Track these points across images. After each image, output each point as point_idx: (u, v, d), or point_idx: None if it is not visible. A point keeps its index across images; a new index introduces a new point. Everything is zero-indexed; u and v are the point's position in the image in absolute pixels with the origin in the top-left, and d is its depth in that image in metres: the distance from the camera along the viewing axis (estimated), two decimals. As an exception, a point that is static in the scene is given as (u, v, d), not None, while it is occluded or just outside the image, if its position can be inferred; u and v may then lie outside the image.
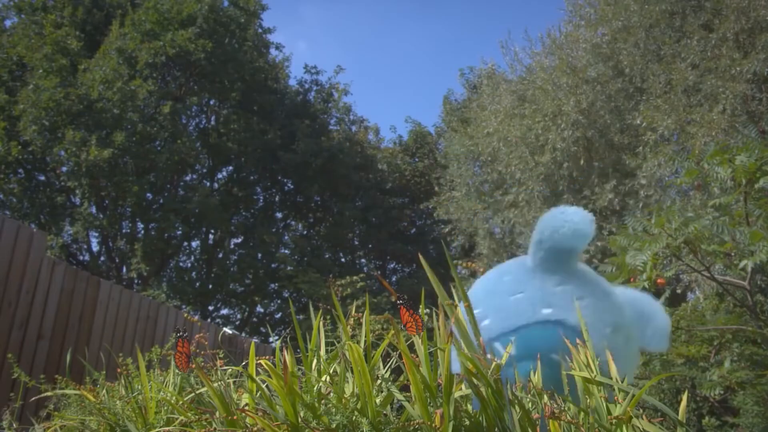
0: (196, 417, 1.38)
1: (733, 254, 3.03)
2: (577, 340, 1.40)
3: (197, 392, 1.63)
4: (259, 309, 15.11)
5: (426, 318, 1.41)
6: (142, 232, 12.58)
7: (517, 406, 1.20)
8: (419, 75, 37.05)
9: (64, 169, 11.12)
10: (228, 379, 1.71)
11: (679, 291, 6.60)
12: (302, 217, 16.34)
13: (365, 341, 1.46)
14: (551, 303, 1.73)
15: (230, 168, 14.91)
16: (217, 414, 1.35)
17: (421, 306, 1.42)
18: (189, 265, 13.96)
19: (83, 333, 4.01)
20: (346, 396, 1.30)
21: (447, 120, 14.93)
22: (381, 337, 1.46)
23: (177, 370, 1.84)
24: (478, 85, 12.60)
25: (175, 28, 12.05)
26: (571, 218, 1.86)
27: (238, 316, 15.04)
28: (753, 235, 2.75)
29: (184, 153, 11.76)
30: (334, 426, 1.24)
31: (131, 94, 10.96)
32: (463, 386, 1.29)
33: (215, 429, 1.28)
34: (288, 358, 1.51)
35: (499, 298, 1.83)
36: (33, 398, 2.45)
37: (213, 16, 12.46)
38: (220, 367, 1.69)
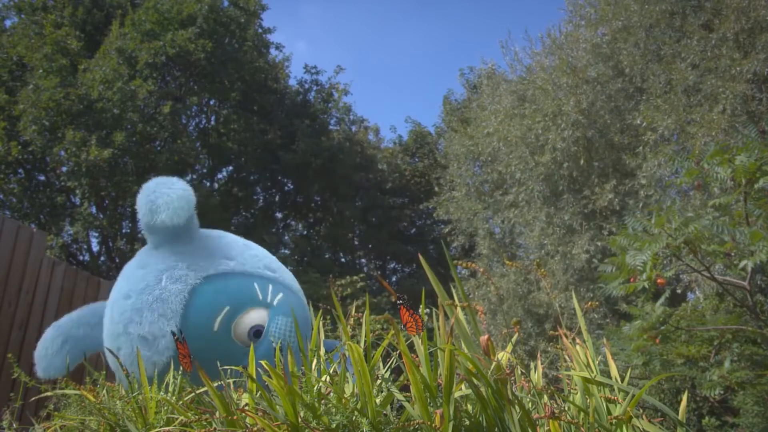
0: (196, 417, 1.38)
1: (733, 254, 3.03)
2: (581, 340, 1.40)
3: (197, 392, 1.63)
4: (260, 309, 15.09)
5: (426, 318, 1.41)
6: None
7: (517, 406, 1.20)
8: (419, 75, 37.05)
9: (64, 169, 11.11)
10: (228, 379, 1.71)
11: (679, 291, 6.60)
12: (302, 217, 16.33)
13: (365, 341, 1.46)
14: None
15: (230, 168, 14.90)
16: (217, 414, 1.35)
17: (421, 306, 1.42)
18: (189, 265, 13.95)
19: (83, 333, 4.00)
20: (346, 396, 1.30)
21: (447, 120, 14.92)
22: (381, 337, 1.46)
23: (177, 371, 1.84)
24: (478, 85, 12.60)
25: (175, 28, 12.05)
26: (165, 195, 2.23)
27: (238, 316, 15.02)
28: (753, 235, 2.75)
29: (184, 153, 11.76)
30: (334, 426, 1.24)
31: (131, 94, 10.95)
32: (463, 386, 1.29)
33: (215, 429, 1.28)
34: (288, 357, 1.51)
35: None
36: (33, 398, 2.45)
37: (213, 16, 12.45)
38: (221, 367, 1.69)
